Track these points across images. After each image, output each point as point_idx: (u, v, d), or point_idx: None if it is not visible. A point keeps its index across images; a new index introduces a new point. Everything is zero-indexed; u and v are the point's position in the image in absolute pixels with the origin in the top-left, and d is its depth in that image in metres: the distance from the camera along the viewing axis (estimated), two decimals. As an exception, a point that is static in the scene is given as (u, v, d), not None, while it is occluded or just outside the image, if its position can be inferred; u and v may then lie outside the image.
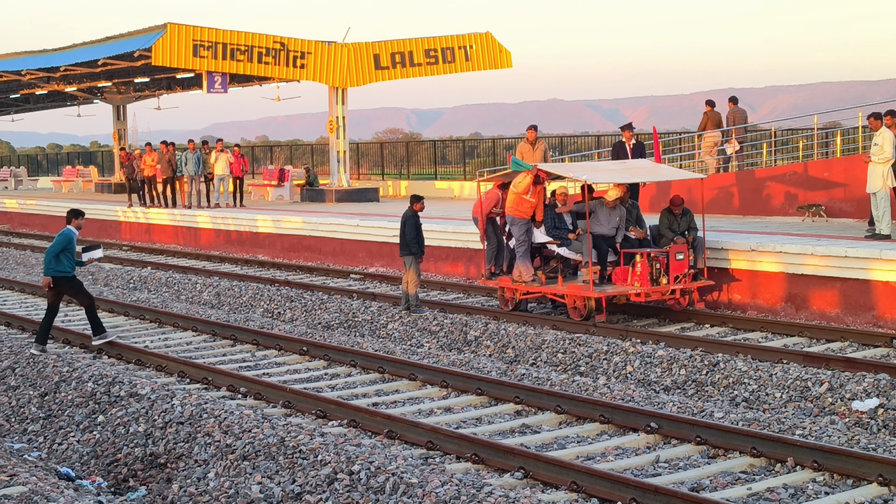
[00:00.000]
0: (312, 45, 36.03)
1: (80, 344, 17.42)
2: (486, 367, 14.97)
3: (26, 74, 43.30)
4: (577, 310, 17.94)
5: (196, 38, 33.67)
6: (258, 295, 22.20)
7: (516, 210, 18.68)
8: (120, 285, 25.60)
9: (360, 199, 36.75)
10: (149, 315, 20.03)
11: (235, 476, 10.62)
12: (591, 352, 15.76)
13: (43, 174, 67.17)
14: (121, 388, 13.57)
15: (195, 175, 35.16)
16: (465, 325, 18.00)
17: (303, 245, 29.23)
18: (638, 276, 17.90)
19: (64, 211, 39.49)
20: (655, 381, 14.51)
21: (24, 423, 13.62)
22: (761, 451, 10.62)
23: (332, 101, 37.05)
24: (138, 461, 11.72)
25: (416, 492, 9.31)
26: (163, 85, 47.83)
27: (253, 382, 14.09)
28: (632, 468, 10.55)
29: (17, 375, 15.13)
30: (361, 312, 19.74)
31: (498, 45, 38.74)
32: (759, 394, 13.50)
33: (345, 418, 12.40)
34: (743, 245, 18.87)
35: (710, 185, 26.05)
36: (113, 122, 50.38)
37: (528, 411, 12.86)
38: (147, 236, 35.79)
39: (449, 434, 11.29)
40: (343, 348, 16.07)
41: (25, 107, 59.10)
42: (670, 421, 11.59)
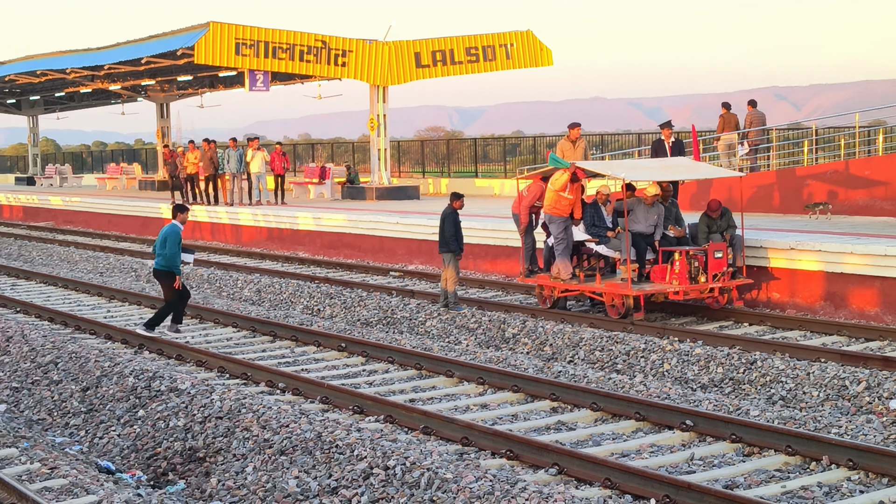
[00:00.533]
0: (354, 43, 36.19)
1: (121, 339, 17.62)
2: (522, 365, 15.02)
3: (71, 73, 43.76)
4: (616, 308, 17.95)
5: (238, 37, 33.89)
6: (298, 292, 22.35)
7: (554, 208, 18.72)
8: (162, 282, 25.81)
9: (400, 197, 36.87)
10: (190, 311, 20.19)
11: (273, 470, 10.74)
12: (628, 350, 15.79)
13: (88, 172, 67.77)
14: (161, 383, 13.73)
15: (237, 173, 35.41)
16: (503, 322, 18.06)
17: (343, 242, 29.37)
18: (676, 274, 17.89)
19: (106, 208, 39.92)
20: (692, 379, 14.52)
21: (66, 416, 13.80)
22: (796, 449, 10.63)
23: (373, 99, 37.20)
24: (177, 455, 11.86)
25: (450, 487, 9.39)
26: (205, 83, 48.19)
27: (291, 378, 14.23)
28: (666, 465, 10.58)
29: (59, 370, 15.33)
30: (400, 309, 19.84)
31: (539, 44, 38.76)
32: (795, 392, 13.48)
33: (381, 414, 12.51)
34: (782, 243, 18.81)
35: (751, 183, 25.96)
36: (156, 120, 50.80)
37: (563, 408, 12.92)
38: (189, 233, 36.05)
39: (484, 430, 11.37)
40: (381, 345, 16.18)
41: (70, 105, 59.72)
42: (705, 419, 11.62)
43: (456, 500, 9.16)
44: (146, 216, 38.75)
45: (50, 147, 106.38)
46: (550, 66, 39.14)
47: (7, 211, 49.03)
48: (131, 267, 27.99)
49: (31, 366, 15.81)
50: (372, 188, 37.33)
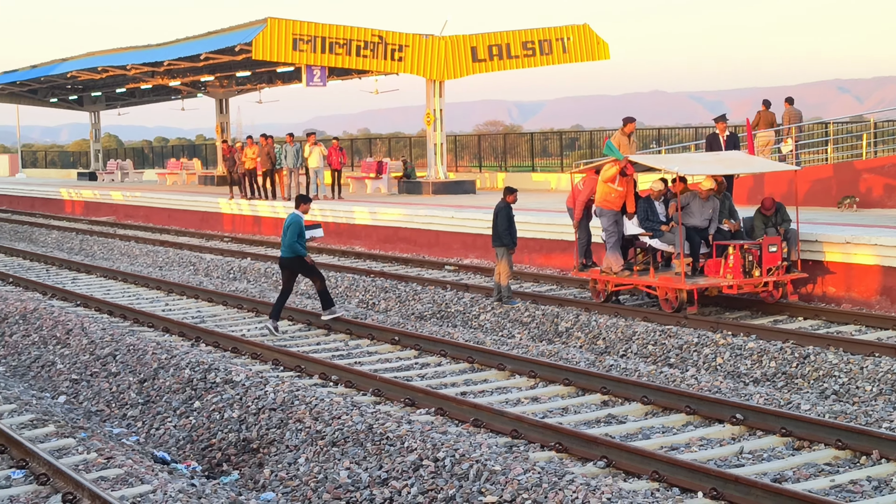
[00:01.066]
0: (410, 38, 36.31)
1: (178, 332, 17.86)
2: (574, 358, 15.07)
3: (131, 69, 44.24)
4: (669, 301, 17.92)
5: (295, 33, 34.12)
6: (354, 285, 22.52)
7: (605, 201, 18.75)
8: (220, 275, 26.13)
9: (456, 191, 36.94)
10: (247, 304, 20.44)
11: (325, 461, 10.88)
12: (681, 343, 15.78)
13: (149, 167, 68.48)
14: (216, 375, 13.93)
15: (294, 168, 35.66)
16: (556, 316, 18.11)
17: (398, 236, 29.51)
18: (730, 268, 17.82)
19: (166, 203, 40.36)
20: (745, 373, 14.49)
21: (124, 408, 14.05)
22: (846, 443, 10.61)
23: (429, 93, 37.30)
24: (232, 446, 12.05)
25: (498, 479, 9.47)
26: (264, 78, 48.51)
27: (344, 371, 14.37)
28: (715, 459, 10.60)
29: (117, 362, 15.59)
30: (454, 303, 19.93)
31: (595, 37, 38.65)
32: (849, 387, 13.43)
33: (432, 406, 12.61)
34: (837, 237, 18.69)
35: (808, 177, 25.78)
36: (215, 116, 51.24)
37: (614, 402, 12.96)
38: (247, 228, 36.38)
39: (533, 423, 11.44)
40: (434, 338, 16.29)
41: (131, 101, 60.36)
42: (756, 412, 11.61)
43: (504, 492, 9.24)
44: (205, 211, 39.12)
45: (112, 143, 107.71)
46: (607, 59, 39.01)
47: (69, 206, 49.67)
48: (189, 261, 28.31)
49: (91, 358, 16.09)
50: (428, 182, 37.43)
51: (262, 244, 32.19)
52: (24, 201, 53.78)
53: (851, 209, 23.68)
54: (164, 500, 9.43)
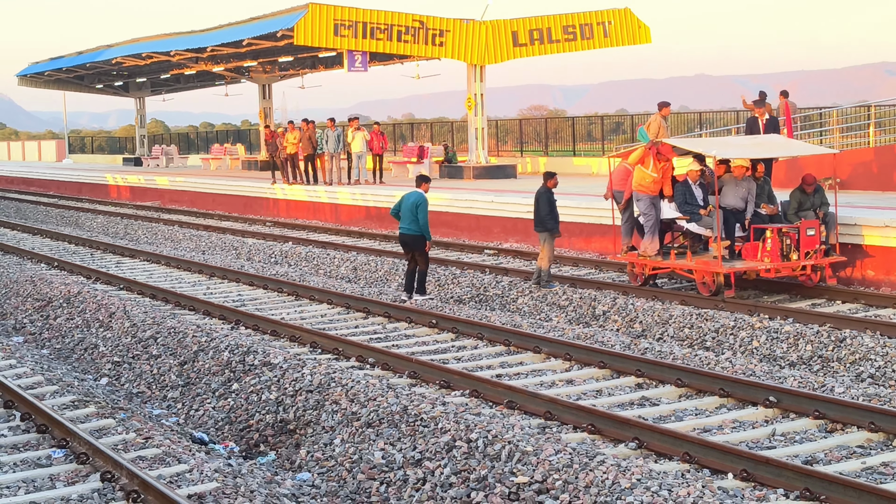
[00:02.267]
0: (451, 23, 36.36)
1: (219, 315, 18.05)
2: (610, 341, 15.11)
3: (175, 55, 44.59)
4: (706, 285, 17.92)
5: (337, 18, 34.27)
6: (393, 269, 22.65)
7: (640, 186, 18.81)
8: (262, 259, 26.34)
9: (497, 176, 37.00)
10: (286, 288, 20.62)
11: (360, 442, 11.01)
12: (717, 327, 15.79)
13: (194, 152, 68.94)
14: (255, 358, 14.09)
15: (335, 152, 35.85)
16: (593, 299, 18.16)
17: (440, 220, 29.59)
18: (768, 251, 17.80)
19: (210, 188, 40.69)
20: (781, 356, 14.49)
21: (164, 390, 14.25)
22: (880, 425, 10.61)
23: (470, 78, 37.35)
24: (269, 427, 12.21)
25: (530, 459, 9.56)
26: (306, 64, 48.74)
27: (381, 353, 14.50)
28: (747, 441, 10.64)
29: (158, 345, 15.80)
30: (492, 287, 20.02)
31: (637, 21, 38.55)
32: (885, 370, 13.40)
33: (467, 388, 12.72)
34: (877, 221, 18.61)
35: (849, 160, 25.65)
36: (259, 101, 51.53)
37: (648, 384, 13.01)
38: (289, 212, 36.61)
39: (566, 405, 11.52)
40: (471, 321, 16.38)
41: (176, 86, 60.84)
42: (789, 395, 11.63)
43: (535, 473, 9.33)
44: (248, 195, 39.39)
45: (159, 128, 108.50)
46: (648, 43, 38.92)
47: (115, 191, 50.14)
48: (232, 245, 28.55)
49: (132, 340, 16.32)
50: (469, 167, 37.52)
51: (303, 228, 32.39)
52: (71, 186, 54.33)
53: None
54: (200, 479, 9.59)
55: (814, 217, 18.27)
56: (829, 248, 18.33)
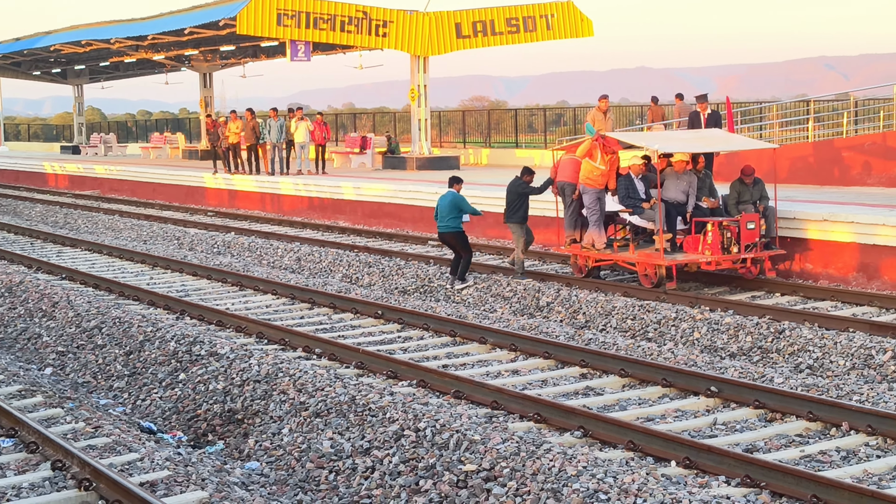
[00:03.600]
0: (394, 13, 36.44)
1: (164, 305, 18.04)
2: (554, 332, 15.31)
3: (115, 43, 44.28)
4: (648, 277, 18.19)
5: (280, 7, 34.20)
6: (337, 260, 22.71)
7: (588, 179, 19.00)
8: (204, 249, 26.29)
9: (440, 167, 37.12)
10: (230, 279, 20.62)
11: (308, 432, 11.10)
12: (659, 318, 16.03)
13: (132, 141, 68.43)
14: (201, 348, 14.12)
15: (278, 142, 35.80)
16: (537, 291, 18.34)
17: (383, 212, 29.70)
18: (709, 244, 18.08)
19: (151, 177, 40.48)
20: (722, 347, 14.76)
21: (110, 380, 14.24)
22: (817, 415, 10.88)
23: (413, 69, 37.44)
24: (217, 417, 12.26)
25: (478, 448, 9.71)
26: (248, 53, 48.58)
27: (328, 343, 14.59)
28: (689, 429, 10.87)
29: (103, 335, 15.77)
30: (437, 278, 20.15)
31: (579, 14, 38.82)
32: (822, 361, 13.69)
33: (414, 378, 12.85)
34: (815, 214, 18.96)
35: (788, 154, 26.05)
36: (199, 90, 51.27)
37: (592, 374, 13.21)
38: (231, 202, 36.52)
39: (513, 394, 11.69)
40: (417, 312, 16.51)
41: (115, 74, 60.39)
42: (730, 385, 11.88)
43: (483, 461, 9.47)
44: (190, 185, 39.23)
45: (96, 116, 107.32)
46: (591, 37, 39.20)
47: (52, 180, 49.70)
48: (174, 235, 28.46)
49: (77, 331, 16.27)
50: (412, 158, 37.62)
51: (246, 218, 32.35)
52: (8, 174, 53.76)
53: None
54: (151, 467, 9.65)
55: (754, 210, 18.57)
56: (769, 242, 18.64)
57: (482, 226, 26.03)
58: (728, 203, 19.06)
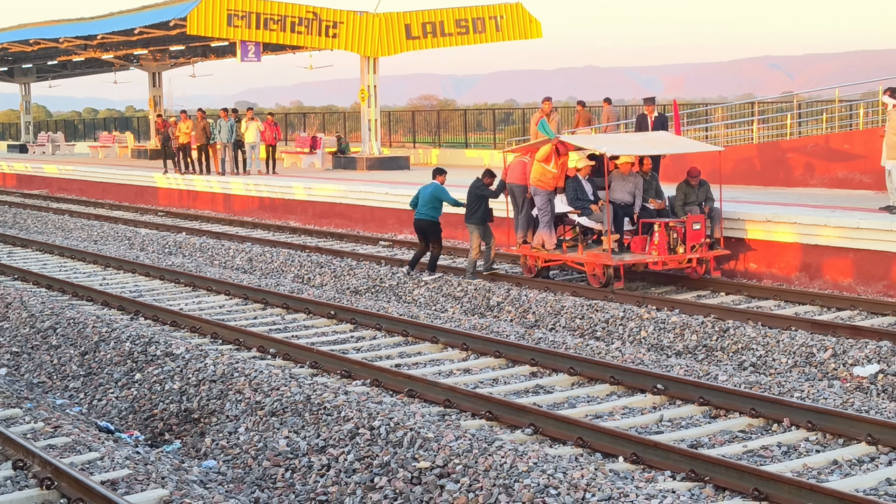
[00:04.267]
0: (344, 14, 36.61)
1: (118, 306, 18.15)
2: (505, 331, 15.61)
3: (64, 42, 44.12)
4: (597, 277, 18.52)
5: (230, 8, 34.29)
6: (289, 261, 22.89)
7: (539, 181, 19.29)
8: (155, 250, 26.36)
9: (390, 167, 37.37)
10: (183, 279, 20.76)
11: (264, 431, 11.31)
12: (607, 317, 16.36)
13: (79, 139, 68.06)
14: (157, 348, 14.28)
15: (228, 142, 35.87)
16: (488, 290, 18.63)
17: (334, 212, 29.89)
18: (655, 245, 18.45)
19: (100, 177, 40.32)
20: (668, 345, 15.10)
21: (66, 380, 14.36)
22: (760, 411, 11.23)
23: (363, 70, 37.64)
24: (173, 416, 12.42)
25: (431, 445, 9.96)
26: (198, 53, 48.56)
27: (282, 344, 14.79)
28: (636, 426, 11.19)
29: (58, 335, 15.88)
30: (389, 278, 20.38)
31: (528, 16, 39.17)
32: (765, 359, 14.07)
33: (368, 378, 13.09)
34: (759, 216, 19.39)
35: (734, 156, 26.51)
36: (148, 89, 51.16)
37: (542, 373, 13.52)
38: (182, 202, 36.55)
39: (465, 393, 11.97)
40: (369, 312, 16.75)
41: (63, 73, 60.10)
42: (676, 382, 12.22)
43: (436, 458, 9.73)
44: (140, 185, 39.20)
45: (41, 114, 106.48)
46: (539, 38, 39.57)
47: (0, 179, 49.41)
48: (125, 235, 28.50)
49: (31, 331, 16.36)
50: (362, 158, 37.82)
51: (196, 219, 32.42)
52: (-46, 174, 53.38)
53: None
54: (112, 465, 9.82)
55: (700, 212, 18.96)
56: (714, 242, 19.04)
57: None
58: (675, 204, 19.44)
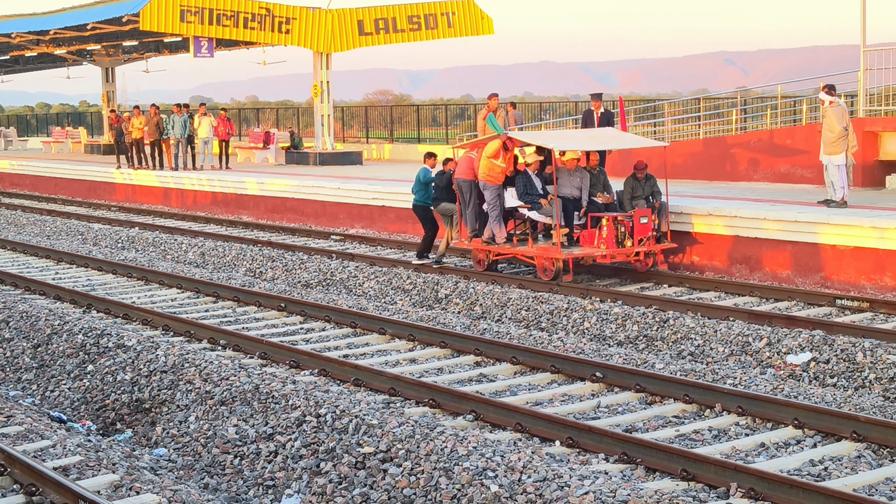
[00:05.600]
0: (297, 10, 36.82)
1: (70, 300, 18.35)
2: (451, 323, 15.97)
3: (16, 37, 44.02)
4: (546, 270, 18.89)
5: (183, 4, 34.40)
6: (241, 255, 23.14)
7: (488, 176, 19.64)
8: (108, 245, 26.52)
9: (343, 162, 37.62)
10: (136, 273, 20.97)
11: (214, 419, 11.61)
12: (552, 309, 16.76)
13: (32, 134, 67.83)
14: (109, 340, 14.53)
15: (181, 137, 36.01)
16: (436, 283, 18.98)
17: (286, 206, 30.14)
18: (604, 238, 18.82)
19: (53, 172, 40.25)
20: (610, 336, 15.52)
21: (19, 372, 14.58)
22: (693, 397, 11.67)
23: (316, 65, 37.87)
24: (125, 406, 12.69)
25: (375, 431, 10.30)
26: (151, 48, 48.56)
27: (232, 335, 15.08)
28: (574, 412, 11.58)
29: (10, 328, 16.07)
30: (339, 272, 20.69)
31: (480, 12, 39.50)
32: (703, 348, 14.51)
33: (316, 368, 13.42)
34: (701, 209, 19.85)
35: (680, 151, 27.01)
36: (102, 84, 51.11)
37: (486, 362, 13.89)
38: (135, 197, 36.66)
39: (410, 381, 12.33)
40: (318, 304, 17.06)
41: (14, 68, 59.76)
42: (614, 370, 12.64)
43: (380, 443, 10.07)
44: (93, 180, 39.26)
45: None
46: (491, 34, 39.88)
47: (-48, 174, 49.23)
48: (78, 230, 28.62)
49: (-17, 325, 16.54)
50: (315, 153, 38.06)
51: (150, 214, 32.56)
52: None
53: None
54: (63, 453, 10.10)
55: (647, 206, 19.39)
56: (661, 236, 19.47)
57: (383, 220, 26.63)
58: (622, 198, 19.87)
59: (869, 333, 14.21)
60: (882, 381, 12.64)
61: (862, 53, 24.26)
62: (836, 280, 18.02)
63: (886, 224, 17.35)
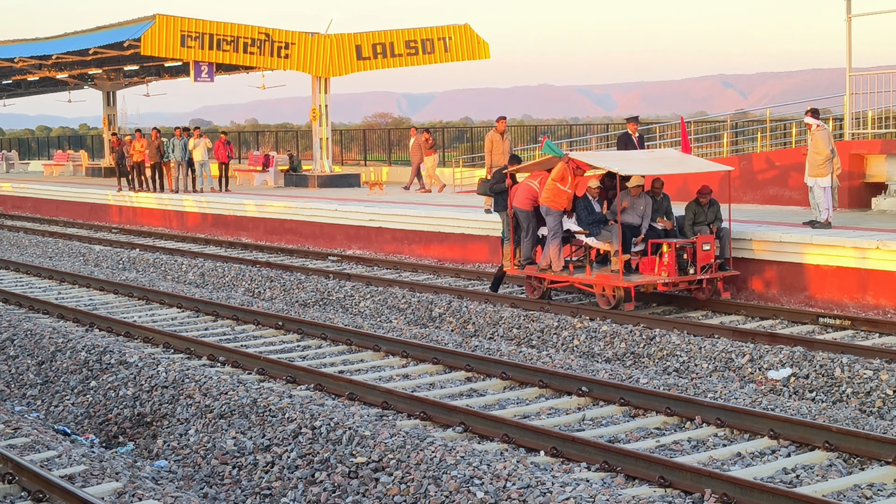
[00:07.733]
0: (296, 35, 37.37)
1: (73, 319, 18.80)
2: (444, 340, 16.42)
3: (19, 62, 44.55)
4: (606, 298, 18.32)
5: (184, 29, 34.96)
6: (240, 275, 23.60)
7: (553, 201, 18.96)
8: (110, 266, 26.98)
9: (341, 185, 38.10)
10: (137, 293, 21.43)
11: (213, 432, 12.05)
12: (542, 327, 17.21)
13: (33, 157, 68.37)
14: (111, 357, 14.97)
15: (182, 160, 36.53)
16: (430, 302, 19.43)
17: (284, 228, 30.62)
18: (665, 265, 18.15)
19: (55, 194, 40.70)
20: (598, 353, 15.97)
21: (23, 388, 15.03)
22: (675, 410, 12.12)
23: (315, 89, 38.40)
24: (127, 420, 13.14)
25: (368, 442, 10.75)
26: (152, 72, 49.13)
27: (231, 352, 15.53)
28: (560, 425, 12.03)
29: (15, 346, 16.52)
30: (336, 291, 21.14)
31: (476, 37, 40.04)
32: (688, 364, 14.96)
33: (312, 383, 13.87)
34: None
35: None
36: (103, 108, 51.65)
37: (477, 377, 14.34)
38: (136, 219, 37.14)
39: (402, 395, 12.79)
40: (315, 322, 17.52)
41: (17, 92, 60.33)
42: (599, 385, 13.10)
43: (372, 454, 10.52)
44: (94, 202, 39.77)
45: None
46: (487, 58, 40.37)
47: (-46, 197, 49.73)
48: (79, 252, 29.09)
49: (-11, 343, 16.99)
50: (314, 176, 38.55)
51: (150, 235, 33.04)
52: None
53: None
54: (69, 463, 10.55)
55: (709, 232, 18.71)
56: (724, 263, 18.86)
57: (380, 241, 27.11)
58: (683, 224, 19.19)
59: (847, 350, 14.68)
60: (859, 395, 13.10)
61: (848, 78, 24.74)
62: (820, 298, 18.48)
63: (867, 244, 17.82)
